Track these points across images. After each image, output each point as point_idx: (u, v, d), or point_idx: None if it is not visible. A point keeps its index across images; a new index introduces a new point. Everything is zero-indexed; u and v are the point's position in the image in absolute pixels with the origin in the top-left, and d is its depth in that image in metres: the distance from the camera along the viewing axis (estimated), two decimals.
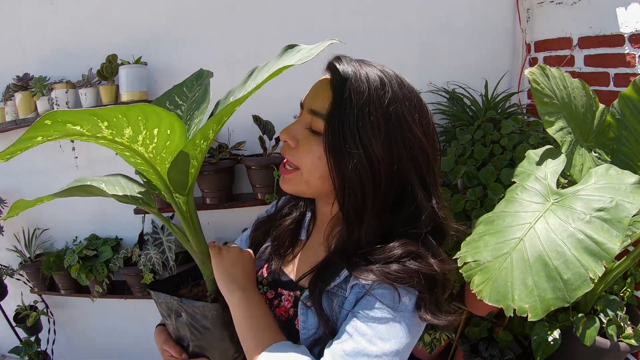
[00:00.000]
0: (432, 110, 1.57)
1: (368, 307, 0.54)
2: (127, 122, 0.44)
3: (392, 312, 0.53)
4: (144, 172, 0.60)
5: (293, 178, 0.61)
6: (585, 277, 0.71)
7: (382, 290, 0.54)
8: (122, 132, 0.46)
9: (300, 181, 0.61)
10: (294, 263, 0.70)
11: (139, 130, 0.46)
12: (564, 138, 0.96)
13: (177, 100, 0.71)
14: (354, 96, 0.55)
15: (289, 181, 0.62)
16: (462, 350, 1.47)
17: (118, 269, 1.65)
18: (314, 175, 0.59)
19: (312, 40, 0.51)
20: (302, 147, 0.59)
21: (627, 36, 1.21)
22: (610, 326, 1.09)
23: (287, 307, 0.64)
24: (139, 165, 0.56)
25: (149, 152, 0.51)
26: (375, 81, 0.56)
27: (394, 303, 0.54)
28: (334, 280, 0.58)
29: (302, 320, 0.60)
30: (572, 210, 0.80)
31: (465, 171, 1.27)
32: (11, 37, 1.64)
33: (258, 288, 0.68)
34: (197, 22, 1.56)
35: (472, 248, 0.86)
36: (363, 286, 0.55)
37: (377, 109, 0.55)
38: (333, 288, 0.59)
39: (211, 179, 1.52)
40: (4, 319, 1.87)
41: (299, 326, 0.60)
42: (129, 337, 1.95)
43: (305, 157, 0.59)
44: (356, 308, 0.55)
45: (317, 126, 0.58)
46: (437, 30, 1.56)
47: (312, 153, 0.58)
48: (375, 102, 0.55)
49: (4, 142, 1.76)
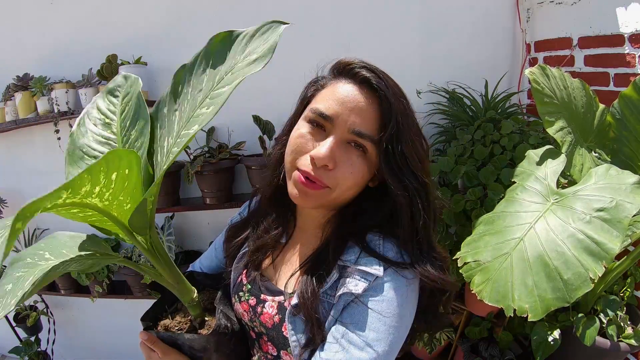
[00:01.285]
0: (432, 110, 1.59)
1: (357, 314, 0.54)
2: (89, 179, 0.39)
3: (382, 317, 0.54)
4: (96, 223, 0.54)
5: (320, 195, 0.57)
6: (585, 277, 0.71)
7: (373, 293, 0.55)
8: (78, 192, 0.40)
9: (328, 198, 0.58)
10: (274, 267, 0.68)
11: (97, 182, 0.41)
12: (564, 138, 0.96)
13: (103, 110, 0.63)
14: (402, 119, 0.56)
15: (314, 197, 0.58)
16: (462, 350, 1.47)
17: (118, 269, 1.65)
18: (348, 191, 0.58)
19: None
20: (344, 169, 0.56)
21: (627, 36, 1.21)
22: (610, 326, 1.09)
23: (272, 314, 0.62)
24: (89, 218, 0.49)
25: (104, 200, 0.45)
26: (403, 95, 0.59)
27: (384, 305, 0.54)
28: (322, 287, 0.57)
29: (291, 328, 0.58)
30: (572, 210, 0.80)
31: (465, 171, 1.27)
32: (11, 37, 1.64)
33: (239, 295, 0.68)
34: (197, 21, 1.56)
35: (472, 248, 0.86)
36: (352, 294, 0.55)
37: (414, 124, 0.58)
38: (322, 295, 0.57)
39: (211, 179, 1.51)
40: (4, 319, 1.87)
41: (287, 333, 0.59)
42: (129, 337, 1.95)
43: (344, 177, 0.56)
44: (345, 316, 0.55)
45: (363, 144, 0.56)
46: (437, 30, 1.56)
47: (354, 169, 0.57)
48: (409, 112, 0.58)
49: (4, 142, 1.76)
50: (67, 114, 1.54)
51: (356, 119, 0.55)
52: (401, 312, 0.55)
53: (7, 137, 1.74)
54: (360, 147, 0.57)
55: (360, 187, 0.59)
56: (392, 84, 0.57)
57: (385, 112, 0.55)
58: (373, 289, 0.55)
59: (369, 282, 0.55)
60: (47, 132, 1.63)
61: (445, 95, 1.57)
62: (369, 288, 0.55)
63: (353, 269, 0.57)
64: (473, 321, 1.49)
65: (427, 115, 1.59)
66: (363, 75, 0.57)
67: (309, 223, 0.67)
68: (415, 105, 0.61)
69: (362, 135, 0.55)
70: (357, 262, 0.57)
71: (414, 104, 0.61)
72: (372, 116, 0.56)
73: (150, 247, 0.59)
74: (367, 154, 0.57)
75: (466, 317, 1.49)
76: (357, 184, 0.58)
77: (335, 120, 0.56)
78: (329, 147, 0.55)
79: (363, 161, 0.57)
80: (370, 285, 0.55)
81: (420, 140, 0.59)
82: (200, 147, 1.57)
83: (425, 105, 1.58)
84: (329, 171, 0.56)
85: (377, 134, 0.56)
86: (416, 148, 0.57)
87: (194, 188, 1.64)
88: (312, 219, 0.67)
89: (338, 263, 0.58)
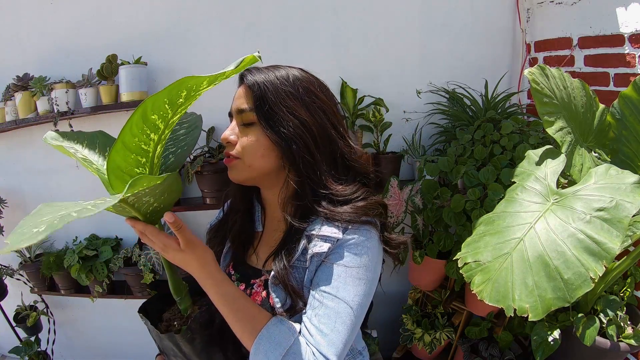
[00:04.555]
0: (432, 110, 1.59)
1: (326, 272, 0.66)
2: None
3: (347, 269, 0.65)
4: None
5: (236, 165, 0.71)
6: (585, 277, 0.71)
7: (336, 252, 0.66)
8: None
9: (244, 167, 0.71)
10: (256, 254, 0.80)
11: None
12: (563, 138, 0.96)
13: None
14: (269, 86, 0.68)
15: (233, 168, 0.72)
16: (462, 350, 1.47)
17: (118, 269, 1.65)
18: (255, 157, 0.70)
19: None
20: (241, 140, 0.71)
21: (627, 36, 1.21)
22: (610, 326, 1.09)
23: (260, 291, 0.74)
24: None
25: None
26: (279, 71, 0.71)
27: (347, 259, 0.66)
28: (294, 254, 0.69)
29: (275, 297, 0.69)
30: (572, 210, 0.80)
31: (465, 171, 1.27)
32: (11, 37, 1.63)
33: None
34: (197, 21, 1.56)
35: (473, 248, 0.86)
36: (319, 254, 0.66)
37: (287, 87, 0.69)
38: (294, 262, 0.69)
39: (211, 179, 1.51)
40: (4, 319, 1.87)
41: (273, 303, 0.69)
42: (129, 337, 1.95)
43: (244, 145, 0.70)
44: (317, 276, 0.67)
45: (247, 119, 0.70)
46: (437, 30, 1.56)
47: (250, 139, 0.70)
48: (285, 83, 0.70)
49: (4, 142, 1.76)
50: (67, 114, 1.54)
51: (237, 102, 0.72)
52: (365, 264, 0.66)
53: (7, 137, 1.74)
54: (249, 123, 0.70)
55: (265, 152, 0.70)
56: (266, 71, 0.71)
57: (254, 89, 0.69)
58: (336, 249, 0.67)
59: (332, 243, 0.66)
60: (47, 132, 1.63)
61: (445, 95, 1.57)
62: (332, 248, 0.66)
63: (317, 235, 0.68)
64: (473, 321, 1.49)
65: (427, 115, 1.60)
66: (243, 74, 0.73)
67: (273, 208, 0.79)
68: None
69: (242, 110, 0.70)
70: (320, 230, 0.68)
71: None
72: (247, 96, 0.70)
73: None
74: (256, 125, 0.70)
75: (466, 317, 1.49)
76: (258, 149, 0.70)
77: (231, 112, 0.74)
78: (228, 128, 0.73)
79: (255, 131, 0.70)
80: (333, 245, 0.66)
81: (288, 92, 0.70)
82: (200, 147, 1.57)
83: (425, 105, 1.58)
84: (233, 146, 0.71)
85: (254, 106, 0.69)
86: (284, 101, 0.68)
87: (194, 188, 1.64)
88: (273, 204, 0.78)
89: (305, 233, 0.69)
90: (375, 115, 1.52)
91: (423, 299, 1.65)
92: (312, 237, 0.68)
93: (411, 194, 1.38)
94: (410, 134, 1.62)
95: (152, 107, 0.50)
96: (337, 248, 0.67)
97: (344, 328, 0.62)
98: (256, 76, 0.70)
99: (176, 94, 0.49)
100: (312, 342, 0.61)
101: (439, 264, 1.40)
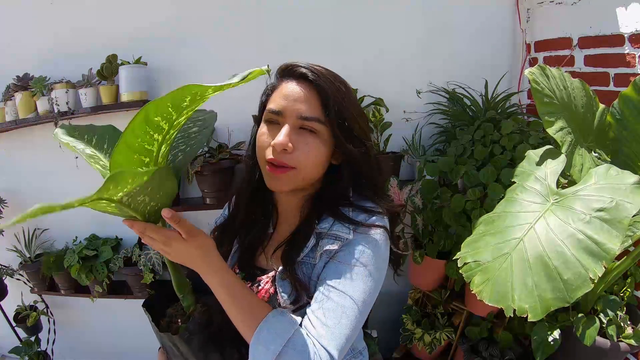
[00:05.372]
0: (432, 110, 1.59)
1: (333, 269, 0.66)
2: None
3: (355, 268, 0.65)
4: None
5: (289, 177, 0.67)
6: (585, 277, 0.71)
7: (346, 251, 0.67)
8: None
9: (297, 178, 0.68)
10: (265, 255, 0.79)
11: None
12: (564, 138, 0.96)
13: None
14: (344, 98, 0.67)
15: (284, 180, 0.68)
16: (462, 350, 1.47)
17: (118, 269, 1.65)
18: (314, 168, 0.69)
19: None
20: (301, 148, 0.66)
21: (627, 36, 1.21)
22: (610, 326, 1.09)
23: (267, 288, 0.73)
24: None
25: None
26: (339, 78, 0.70)
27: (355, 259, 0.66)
28: (303, 251, 0.69)
29: (281, 291, 0.69)
30: (572, 211, 0.80)
31: (465, 171, 1.27)
32: (11, 37, 1.63)
33: None
34: (197, 22, 1.56)
35: (472, 248, 0.86)
36: (329, 251, 0.67)
37: (355, 100, 0.70)
38: (303, 258, 0.69)
39: (211, 179, 1.51)
40: (4, 319, 1.87)
41: (279, 298, 0.69)
42: (129, 337, 1.95)
43: (308, 155, 0.67)
44: (325, 272, 0.67)
45: (313, 127, 0.67)
46: (437, 30, 1.56)
47: (312, 148, 0.67)
48: (351, 96, 0.70)
49: (4, 142, 1.76)
50: (67, 114, 1.54)
51: (300, 107, 0.66)
52: (371, 263, 0.67)
53: (7, 137, 1.74)
54: (311, 129, 0.67)
55: (322, 164, 0.70)
56: (327, 73, 0.68)
57: (323, 97, 0.66)
58: (345, 247, 0.67)
59: (342, 242, 0.67)
60: (47, 132, 1.63)
61: (445, 95, 1.57)
62: (342, 247, 0.67)
63: (328, 234, 0.69)
64: (473, 321, 1.49)
65: (427, 115, 1.60)
66: (300, 72, 0.68)
67: (289, 209, 0.78)
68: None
69: (308, 119, 0.66)
70: (331, 229, 0.69)
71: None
72: (314, 102, 0.66)
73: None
74: (318, 134, 0.67)
75: (466, 317, 1.49)
76: (318, 161, 0.69)
77: (284, 113, 0.67)
78: (284, 133, 0.66)
79: (316, 140, 0.67)
80: (343, 244, 0.67)
81: (359, 112, 0.71)
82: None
83: (425, 105, 1.58)
84: (289, 154, 0.66)
85: (323, 115, 0.66)
86: (356, 119, 0.69)
87: (194, 188, 1.64)
88: (290, 205, 0.77)
89: (315, 231, 0.70)
90: (376, 115, 1.52)
91: (423, 299, 1.65)
92: (322, 234, 0.69)
93: (411, 194, 1.38)
94: (411, 134, 1.62)
95: (155, 110, 0.50)
96: (347, 246, 0.67)
97: (348, 322, 0.62)
98: (324, 82, 0.66)
99: (180, 98, 0.49)
100: (313, 334, 0.61)
101: (439, 264, 1.40)
